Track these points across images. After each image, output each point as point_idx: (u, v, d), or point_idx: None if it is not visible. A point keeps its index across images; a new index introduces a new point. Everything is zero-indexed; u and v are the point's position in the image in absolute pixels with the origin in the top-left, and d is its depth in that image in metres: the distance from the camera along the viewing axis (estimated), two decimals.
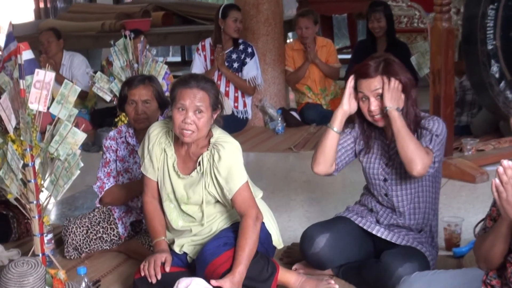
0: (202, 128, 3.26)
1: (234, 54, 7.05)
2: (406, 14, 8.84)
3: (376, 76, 3.24)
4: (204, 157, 3.31)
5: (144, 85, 4.02)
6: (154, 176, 3.45)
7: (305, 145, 6.55)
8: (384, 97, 3.22)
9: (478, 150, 5.74)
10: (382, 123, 3.30)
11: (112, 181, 4.01)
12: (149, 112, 3.96)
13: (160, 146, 3.40)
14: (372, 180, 3.42)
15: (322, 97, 7.42)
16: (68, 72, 7.52)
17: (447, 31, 5.11)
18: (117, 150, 4.05)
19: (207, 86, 3.28)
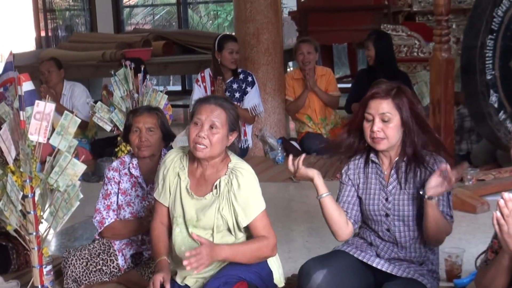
0: (216, 145, 3.29)
1: (235, 84, 7.07)
2: (406, 44, 8.90)
3: (386, 98, 3.25)
4: (222, 181, 3.34)
5: (149, 113, 4.04)
6: (166, 202, 3.47)
7: None
8: (430, 184, 3.17)
9: (478, 180, 5.73)
10: (381, 146, 3.28)
11: (112, 215, 3.98)
12: (152, 140, 3.97)
13: (174, 171, 3.43)
14: (373, 216, 3.37)
15: (322, 126, 7.43)
16: (68, 102, 7.53)
17: (447, 61, 5.14)
18: (120, 182, 4.02)
19: (226, 105, 3.34)
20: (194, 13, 14.40)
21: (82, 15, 13.29)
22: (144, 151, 3.97)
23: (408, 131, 3.25)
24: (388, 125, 3.24)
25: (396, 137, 3.27)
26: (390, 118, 3.23)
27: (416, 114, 3.26)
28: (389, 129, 3.24)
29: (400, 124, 3.25)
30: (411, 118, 3.24)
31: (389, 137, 3.25)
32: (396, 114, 3.23)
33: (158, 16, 14.77)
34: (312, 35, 9.08)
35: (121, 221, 3.99)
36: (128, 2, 13.98)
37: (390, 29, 8.80)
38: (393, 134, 3.25)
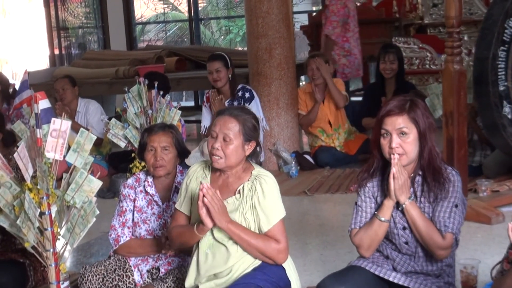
0: (230, 156, 3.38)
1: (236, 102, 7.02)
2: (418, 56, 8.92)
3: (402, 114, 3.26)
4: (245, 186, 3.43)
5: (164, 132, 4.04)
6: (187, 210, 3.54)
7: (319, 188, 6.56)
8: (395, 191, 3.23)
9: (493, 191, 5.73)
10: (404, 161, 3.28)
11: (127, 232, 3.99)
12: (168, 159, 3.97)
13: (197, 180, 3.51)
14: (391, 229, 3.36)
15: (336, 137, 7.43)
16: (83, 119, 7.58)
17: (459, 73, 5.13)
18: (135, 200, 4.02)
19: (241, 115, 3.41)
20: (206, 28, 14.47)
21: (95, 32, 13.38)
22: (160, 171, 3.98)
23: (426, 142, 3.26)
24: (406, 140, 3.25)
25: (415, 151, 3.27)
26: (407, 133, 3.24)
27: (430, 124, 3.28)
28: (407, 144, 3.25)
29: (418, 137, 3.26)
30: (428, 129, 3.26)
31: (407, 152, 3.26)
32: (413, 128, 3.25)
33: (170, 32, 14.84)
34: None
35: (137, 240, 3.99)
36: (140, 19, 14.06)
37: (402, 42, 8.83)
38: (412, 149, 3.26)
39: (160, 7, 14.23)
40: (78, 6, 13.47)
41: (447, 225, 3.24)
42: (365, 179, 3.44)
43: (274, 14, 7.33)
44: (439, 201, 3.27)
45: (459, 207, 3.27)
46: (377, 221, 3.32)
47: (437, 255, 3.28)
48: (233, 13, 14.59)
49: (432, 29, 10.05)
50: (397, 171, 3.20)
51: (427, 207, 3.31)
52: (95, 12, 13.27)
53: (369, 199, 3.43)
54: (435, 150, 3.29)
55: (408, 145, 3.25)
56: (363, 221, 3.41)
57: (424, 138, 3.25)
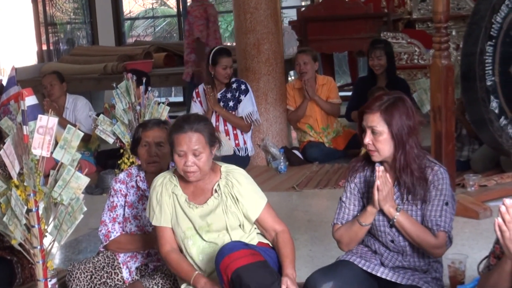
0: (204, 166, 3.40)
1: (229, 93, 7.08)
2: (406, 51, 8.92)
3: (375, 112, 3.26)
4: (220, 184, 3.45)
5: (159, 127, 4.02)
6: (169, 223, 3.51)
7: (308, 183, 6.56)
8: (379, 201, 3.23)
9: (480, 186, 5.75)
10: (374, 158, 3.31)
11: (117, 228, 3.98)
12: (161, 155, 3.96)
13: (168, 192, 3.50)
14: (378, 226, 3.37)
15: (324, 135, 7.44)
16: (71, 115, 7.56)
17: (446, 68, 5.15)
18: (127, 195, 4.01)
19: (199, 127, 3.40)
20: None
21: (83, 28, 13.34)
22: (153, 166, 3.97)
23: (401, 145, 3.24)
24: (378, 138, 3.26)
25: (388, 150, 3.27)
26: (379, 132, 3.25)
27: (409, 128, 3.25)
28: (379, 142, 3.26)
29: (391, 137, 3.25)
30: (405, 133, 3.24)
31: (379, 150, 3.28)
32: (385, 128, 3.24)
33: (159, 28, 14.81)
34: (313, 44, 9.13)
35: (128, 235, 3.98)
36: (128, 15, 14.03)
37: (390, 37, 8.83)
38: (383, 147, 3.26)
39: (149, 2, 14.22)
40: (66, 2, 13.41)
41: (439, 224, 3.25)
42: (354, 171, 3.45)
43: (262, 10, 7.32)
44: (429, 200, 3.28)
45: (450, 204, 3.28)
46: (357, 225, 3.34)
47: (432, 254, 3.31)
48: (221, 8, 14.57)
49: (420, 24, 10.06)
50: (381, 183, 3.21)
51: (414, 210, 3.32)
52: (83, 8, 13.22)
53: (353, 196, 3.44)
54: (416, 152, 3.27)
55: (380, 144, 3.26)
56: (346, 217, 3.44)
57: (399, 140, 3.24)
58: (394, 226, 3.30)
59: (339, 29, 9.46)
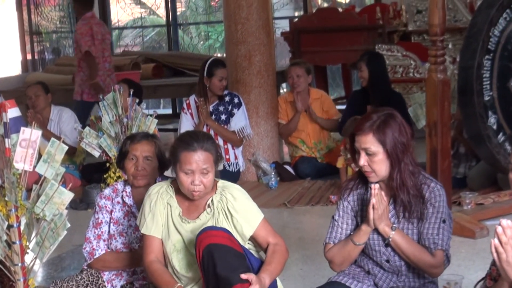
0: (208, 184, 3.42)
1: (221, 106, 7.07)
2: (401, 64, 8.94)
3: (368, 133, 3.25)
4: (214, 199, 3.46)
5: (148, 141, 4.00)
6: (159, 233, 3.50)
7: (299, 200, 6.55)
8: (374, 220, 3.23)
9: (477, 204, 5.74)
10: (372, 179, 3.30)
11: (103, 245, 3.96)
12: (149, 169, 3.94)
13: (163, 201, 3.50)
14: (372, 246, 3.36)
15: (316, 150, 7.44)
16: (56, 127, 7.53)
17: (443, 82, 5.15)
18: (112, 211, 3.99)
19: (208, 146, 3.42)
20: (185, 34, 14.46)
21: (70, 37, 13.33)
22: (140, 180, 3.95)
23: (396, 163, 3.25)
24: (373, 159, 3.25)
25: (385, 170, 3.27)
26: (374, 152, 3.24)
27: (403, 145, 3.25)
28: (374, 163, 3.25)
29: (386, 157, 3.25)
30: (400, 150, 3.24)
31: (376, 171, 3.27)
32: (380, 148, 3.24)
33: (148, 37, 14.81)
34: (306, 56, 9.15)
35: (113, 253, 3.96)
36: (116, 24, 14.02)
37: (385, 49, 8.85)
38: (379, 168, 3.26)
39: (137, 11, 14.21)
40: (52, 10, 13.41)
41: (436, 242, 3.24)
42: (347, 189, 3.44)
43: (254, 20, 7.34)
44: (426, 218, 3.27)
45: (447, 222, 3.28)
46: (351, 244, 3.33)
47: (429, 273, 3.30)
48: (212, 18, 14.60)
49: (416, 37, 10.10)
50: (377, 201, 3.20)
51: (411, 228, 3.31)
52: (69, 16, 13.22)
53: (346, 215, 3.43)
54: (412, 169, 3.27)
55: (376, 164, 3.25)
56: (338, 237, 3.42)
57: (394, 159, 3.24)
58: (389, 245, 3.30)
59: (333, 41, 9.49)
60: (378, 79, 7.09)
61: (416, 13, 10.05)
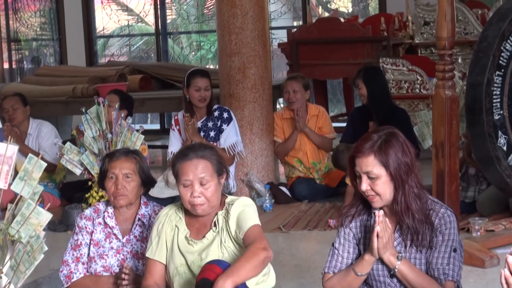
0: (212, 198, 3.48)
1: (210, 122, 7.02)
2: (407, 79, 8.96)
3: (369, 155, 3.25)
4: (219, 216, 3.52)
5: (127, 157, 4.03)
6: (163, 258, 3.59)
7: (295, 224, 6.54)
8: (379, 250, 3.23)
9: (487, 231, 5.75)
10: (376, 204, 3.30)
11: (81, 268, 3.96)
12: (130, 188, 3.96)
13: (171, 224, 3.59)
14: (376, 276, 3.35)
15: (314, 171, 7.44)
16: (34, 142, 7.52)
17: (451, 99, 5.16)
18: (93, 233, 4.01)
19: (206, 153, 3.51)
20: (175, 43, 14.48)
21: (51, 45, 13.35)
22: (121, 200, 3.96)
23: (400, 186, 3.24)
24: (376, 182, 3.25)
25: (388, 193, 3.27)
26: (376, 175, 3.24)
27: (407, 166, 3.25)
28: (377, 186, 3.25)
29: (390, 179, 3.25)
30: (404, 172, 3.24)
31: (380, 194, 3.26)
32: (382, 170, 3.24)
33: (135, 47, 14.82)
34: (304, 69, 9.18)
35: (92, 276, 3.96)
36: (102, 32, 14.04)
37: (390, 63, 8.88)
38: (384, 191, 3.26)
39: (124, 19, 14.23)
40: (32, 16, 13.43)
41: (447, 273, 3.24)
42: (349, 215, 3.43)
43: (249, 30, 7.35)
44: (435, 247, 3.26)
45: (458, 251, 3.27)
46: (353, 274, 3.32)
47: None
48: (205, 27, 14.63)
49: (423, 50, 10.14)
50: (381, 229, 3.20)
51: (418, 257, 3.31)
52: (51, 23, 13.24)
53: (348, 243, 3.42)
54: (417, 192, 3.27)
55: (379, 188, 3.25)
56: (338, 266, 3.41)
57: (398, 181, 3.24)
58: (395, 276, 3.29)
59: (333, 53, 9.52)
60: (378, 96, 7.09)
61: (423, 24, 10.09)
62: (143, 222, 4.04)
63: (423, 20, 10.06)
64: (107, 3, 13.68)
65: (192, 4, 14.18)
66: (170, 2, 13.83)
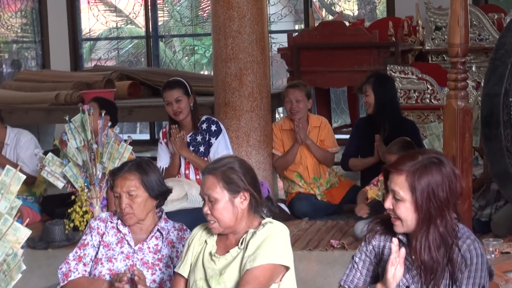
0: (221, 217, 3.54)
1: (199, 136, 6.97)
2: (416, 89, 8.95)
3: (401, 174, 3.20)
4: (249, 234, 3.55)
5: (128, 173, 4.04)
6: (185, 272, 3.67)
7: (295, 243, 6.51)
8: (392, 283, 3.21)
9: (502, 253, 5.74)
10: (397, 228, 3.27)
11: (81, 269, 4.01)
12: (136, 206, 4.00)
13: (201, 239, 3.68)
14: None
15: (315, 186, 7.43)
16: (13, 153, 7.49)
17: (464, 111, 5.16)
18: (104, 234, 4.08)
19: (215, 167, 3.58)
20: (167, 47, 14.49)
21: (33, 48, 13.36)
22: (129, 220, 4.05)
23: (424, 220, 3.19)
24: (399, 204, 3.22)
25: (410, 221, 3.22)
26: (401, 198, 3.21)
27: (441, 204, 3.18)
28: (400, 210, 3.22)
29: (414, 208, 3.20)
30: (432, 206, 3.18)
31: (402, 218, 3.23)
32: (408, 195, 3.20)
33: (124, 50, 14.82)
34: (306, 77, 9.17)
35: (89, 278, 4.04)
36: (88, 34, 14.05)
37: (398, 71, 8.88)
38: (405, 216, 3.22)
39: (113, 20, 14.24)
40: (13, 16, 13.43)
41: None
42: (374, 232, 3.42)
43: (246, 34, 7.36)
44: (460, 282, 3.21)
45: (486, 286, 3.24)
46: None
47: None
48: (199, 30, 14.64)
49: (434, 57, 10.14)
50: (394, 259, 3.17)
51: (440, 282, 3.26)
52: (33, 24, 13.25)
53: (369, 260, 3.42)
54: (443, 231, 3.19)
55: (401, 212, 3.22)
56: (355, 282, 3.43)
57: (424, 215, 3.18)
58: None
59: (337, 59, 9.52)
60: (386, 106, 7.11)
61: (434, 29, 10.09)
62: (161, 234, 4.10)
63: (435, 24, 10.06)
64: (94, 4, 13.68)
65: (186, 5, 14.20)
66: (162, 3, 13.81)
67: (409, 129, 6.98)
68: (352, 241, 6.37)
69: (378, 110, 7.08)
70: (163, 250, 4.07)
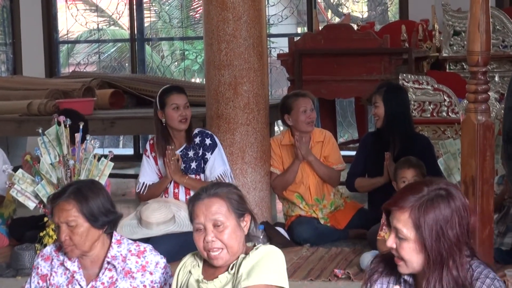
0: (230, 242, 3.57)
1: (191, 151, 6.99)
2: (431, 100, 8.94)
3: (404, 211, 3.17)
4: (240, 258, 3.59)
5: (66, 201, 3.92)
6: None
7: (294, 273, 6.51)
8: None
9: None
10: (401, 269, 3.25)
11: None
12: (77, 237, 3.88)
13: (185, 270, 3.74)
14: None
15: (318, 209, 7.42)
16: None
17: (484, 126, 5.16)
18: (47, 276, 4.00)
19: (220, 191, 3.62)
20: (154, 51, 14.50)
21: (3, 51, 13.37)
22: (70, 252, 3.95)
23: (435, 262, 3.15)
24: (402, 244, 3.19)
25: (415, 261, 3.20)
26: (405, 237, 3.18)
27: (452, 244, 3.15)
28: (403, 250, 3.19)
29: (420, 248, 3.17)
30: (442, 247, 3.14)
31: (405, 260, 3.21)
32: (412, 234, 3.17)
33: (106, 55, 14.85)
34: (308, 86, 9.20)
35: None
36: (65, 36, 14.06)
37: (411, 81, 8.88)
38: (409, 257, 3.19)
39: (93, 21, 14.26)
40: None
41: None
42: (376, 271, 3.41)
43: (242, 38, 7.37)
44: None
45: None
46: None
47: None
48: (190, 33, 14.66)
49: (452, 65, 10.13)
50: None
51: None
52: (3, 25, 13.27)
53: None
54: (456, 274, 3.16)
55: (404, 252, 3.20)
56: None
57: (435, 257, 3.15)
58: None
59: (344, 67, 9.54)
60: (397, 119, 7.12)
61: (453, 34, 10.08)
62: (113, 266, 3.97)
63: (453, 29, 10.05)
64: (72, 2, 13.70)
65: (176, 5, 14.23)
66: (148, 2, 13.84)
67: (423, 146, 6.98)
68: (358, 271, 6.35)
69: (388, 124, 7.08)
70: (120, 283, 3.95)
